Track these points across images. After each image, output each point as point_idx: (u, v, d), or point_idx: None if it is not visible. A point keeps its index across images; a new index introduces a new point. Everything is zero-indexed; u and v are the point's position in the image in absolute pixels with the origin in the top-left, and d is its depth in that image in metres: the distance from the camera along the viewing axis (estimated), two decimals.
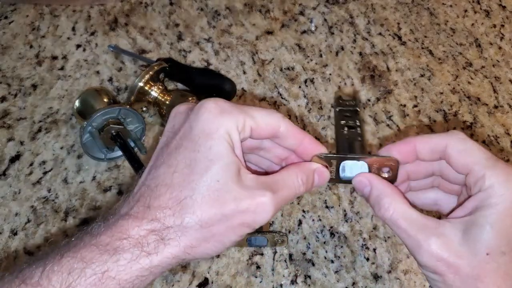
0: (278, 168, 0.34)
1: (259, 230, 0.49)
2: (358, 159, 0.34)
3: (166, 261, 0.27)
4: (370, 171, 0.34)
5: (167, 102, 0.55)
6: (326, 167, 0.34)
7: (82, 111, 0.55)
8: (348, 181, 0.35)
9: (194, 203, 0.27)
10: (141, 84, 0.54)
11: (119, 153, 0.54)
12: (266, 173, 0.34)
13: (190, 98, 0.56)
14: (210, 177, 0.27)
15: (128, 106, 0.53)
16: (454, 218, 0.30)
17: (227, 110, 0.29)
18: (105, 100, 0.55)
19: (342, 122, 0.42)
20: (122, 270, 0.26)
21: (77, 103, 0.55)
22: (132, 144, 0.54)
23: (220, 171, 0.27)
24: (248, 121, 0.29)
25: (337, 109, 0.43)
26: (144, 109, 0.58)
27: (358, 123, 0.41)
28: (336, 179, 0.35)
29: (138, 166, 0.51)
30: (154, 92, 0.55)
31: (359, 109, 0.44)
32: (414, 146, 0.33)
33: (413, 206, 0.31)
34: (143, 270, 0.26)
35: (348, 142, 0.38)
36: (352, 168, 0.34)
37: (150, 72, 0.54)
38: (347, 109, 0.43)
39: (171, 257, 0.27)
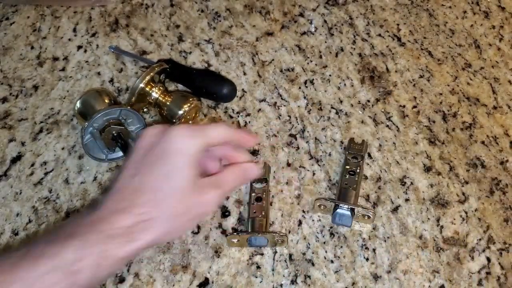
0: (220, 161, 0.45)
1: (260, 231, 0.50)
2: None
3: (148, 243, 0.37)
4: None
5: (168, 103, 0.55)
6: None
7: (83, 112, 0.55)
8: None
9: (167, 202, 0.37)
10: (142, 85, 0.54)
11: (120, 153, 0.55)
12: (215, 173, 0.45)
13: (190, 99, 0.56)
14: (177, 184, 0.38)
15: (129, 107, 0.53)
16: None
17: (192, 135, 0.39)
18: (106, 101, 0.55)
19: (347, 167, 0.54)
20: (117, 249, 0.35)
21: (78, 104, 0.55)
22: (133, 145, 0.54)
23: (184, 180, 0.38)
24: (206, 139, 0.40)
25: (347, 152, 0.55)
26: (145, 110, 0.58)
27: (358, 170, 0.53)
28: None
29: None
30: (155, 93, 0.56)
31: (364, 156, 0.55)
32: None
33: None
34: (132, 251, 0.36)
35: (344, 189, 0.52)
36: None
37: (151, 73, 0.55)
38: (355, 154, 0.55)
39: (151, 240, 0.37)
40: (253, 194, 0.53)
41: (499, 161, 0.58)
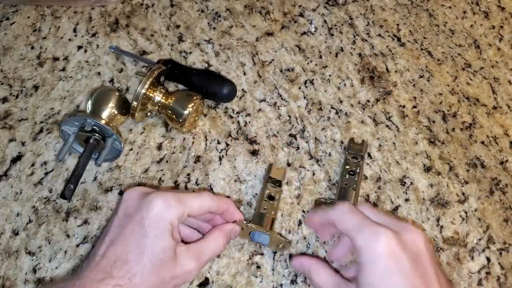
0: (206, 225, 0.46)
1: (267, 229, 0.49)
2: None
3: None
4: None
5: (171, 104, 0.55)
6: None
7: (94, 106, 0.55)
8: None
9: (143, 275, 0.37)
10: (143, 91, 0.54)
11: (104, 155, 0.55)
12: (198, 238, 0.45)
13: (194, 98, 0.56)
14: (154, 257, 0.38)
15: (103, 122, 0.52)
16: (346, 277, 0.41)
17: (171, 205, 0.39)
18: (111, 104, 0.55)
19: (347, 167, 0.55)
20: None
21: (92, 98, 0.56)
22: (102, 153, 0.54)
23: (161, 252, 0.38)
24: (186, 210, 0.40)
25: (347, 152, 0.56)
26: (148, 114, 0.58)
27: (358, 170, 0.54)
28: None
29: (72, 177, 0.51)
30: (157, 96, 0.56)
31: (364, 156, 0.56)
32: (318, 222, 0.44)
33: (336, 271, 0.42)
34: None
35: (344, 189, 0.52)
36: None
37: (151, 78, 0.54)
38: (355, 154, 0.55)
39: None
40: (266, 191, 0.52)
41: (499, 161, 0.58)
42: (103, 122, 0.52)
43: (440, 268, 0.38)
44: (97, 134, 0.53)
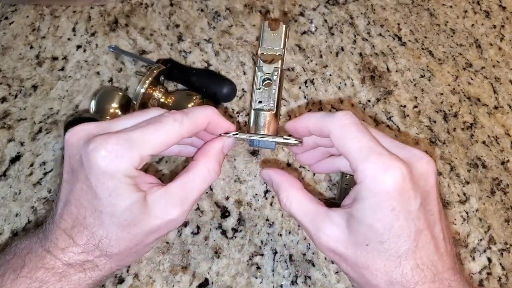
0: (198, 141, 0.37)
1: (265, 133, 0.38)
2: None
3: (99, 279, 0.32)
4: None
5: (171, 104, 0.55)
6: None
7: (98, 105, 0.56)
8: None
9: (110, 241, 0.31)
10: (143, 90, 0.54)
11: None
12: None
13: (194, 97, 0.56)
14: (117, 218, 0.30)
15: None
16: (343, 206, 0.32)
17: (118, 155, 0.29)
18: (115, 104, 0.56)
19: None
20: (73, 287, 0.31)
21: (96, 98, 0.57)
22: None
23: (124, 212, 0.30)
24: (144, 152, 0.30)
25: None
26: None
27: None
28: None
29: None
30: (157, 96, 0.56)
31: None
32: (307, 126, 0.34)
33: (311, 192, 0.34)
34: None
35: (345, 189, 0.48)
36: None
37: (150, 78, 0.54)
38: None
39: (101, 277, 0.32)
40: (259, 74, 0.37)
41: (500, 161, 0.58)
42: None
43: (441, 205, 0.33)
44: None
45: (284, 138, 0.35)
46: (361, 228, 0.30)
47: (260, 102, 0.36)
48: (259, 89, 0.37)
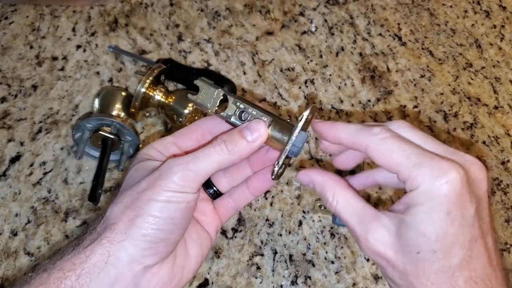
0: None
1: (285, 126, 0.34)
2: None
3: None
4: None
5: (172, 104, 0.55)
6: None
7: (101, 105, 0.57)
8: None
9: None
10: (143, 90, 0.54)
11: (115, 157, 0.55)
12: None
13: None
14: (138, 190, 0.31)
15: (126, 123, 0.54)
16: (392, 211, 0.30)
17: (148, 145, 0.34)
18: (118, 106, 0.56)
19: None
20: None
21: (99, 98, 0.57)
22: (115, 157, 0.55)
23: (143, 182, 0.31)
24: (170, 139, 0.35)
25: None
26: (147, 114, 0.58)
27: (359, 170, 0.45)
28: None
29: (96, 183, 0.51)
30: (157, 96, 0.55)
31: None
32: (339, 138, 0.32)
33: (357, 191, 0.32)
34: None
35: None
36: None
37: (151, 77, 0.54)
38: None
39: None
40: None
41: (500, 161, 0.58)
42: (128, 124, 0.53)
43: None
44: (114, 136, 0.53)
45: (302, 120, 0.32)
46: (413, 235, 0.28)
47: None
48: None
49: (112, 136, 0.53)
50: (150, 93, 0.55)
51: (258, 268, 0.49)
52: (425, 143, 0.30)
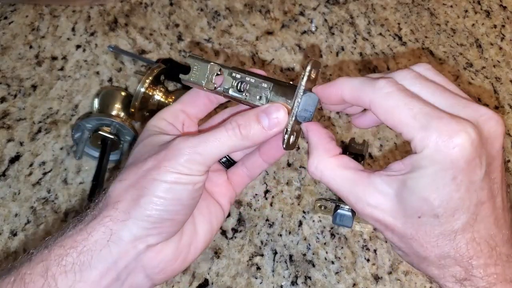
0: None
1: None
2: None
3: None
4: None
5: (171, 104, 0.55)
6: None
7: (101, 105, 0.57)
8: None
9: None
10: (143, 89, 0.54)
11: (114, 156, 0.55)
12: None
13: None
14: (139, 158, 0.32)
15: (126, 122, 0.53)
16: (390, 173, 0.28)
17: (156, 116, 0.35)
18: (118, 105, 0.56)
19: None
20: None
21: (99, 97, 0.57)
22: (115, 157, 0.55)
23: (142, 150, 0.32)
24: (177, 106, 0.35)
25: (348, 152, 0.52)
26: (147, 114, 0.58)
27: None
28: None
29: (96, 183, 0.51)
30: (157, 95, 0.55)
31: (365, 156, 0.53)
32: (340, 94, 0.30)
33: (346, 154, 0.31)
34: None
35: None
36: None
37: (150, 77, 0.54)
38: (356, 154, 0.51)
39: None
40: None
41: None
42: (127, 124, 0.53)
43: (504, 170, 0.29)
44: (113, 135, 0.53)
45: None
46: (415, 199, 0.27)
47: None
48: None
49: (112, 136, 0.53)
50: (150, 93, 0.55)
51: (258, 268, 0.49)
52: (433, 96, 0.28)
